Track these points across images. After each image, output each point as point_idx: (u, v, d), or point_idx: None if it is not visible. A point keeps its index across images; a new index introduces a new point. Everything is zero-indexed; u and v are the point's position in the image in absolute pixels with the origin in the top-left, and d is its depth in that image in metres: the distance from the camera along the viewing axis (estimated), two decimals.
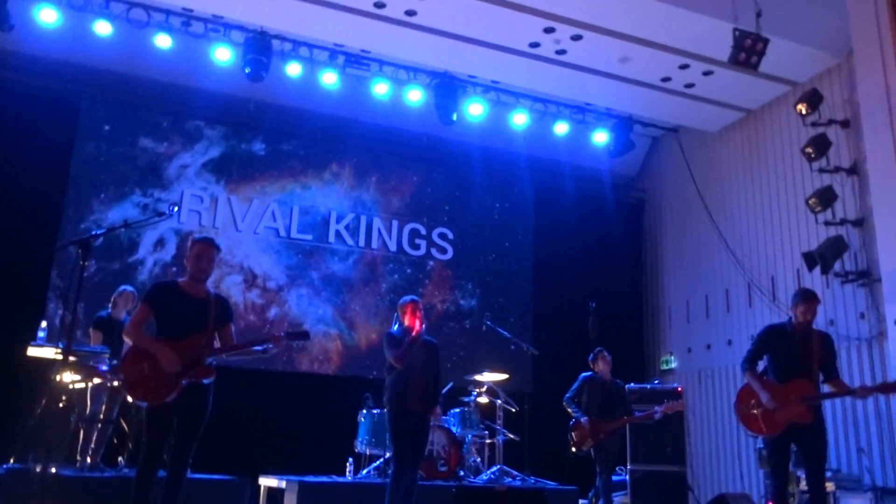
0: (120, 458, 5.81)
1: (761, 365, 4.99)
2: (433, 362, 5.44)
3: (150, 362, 3.92)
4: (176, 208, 4.00)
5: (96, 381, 5.55)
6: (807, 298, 4.87)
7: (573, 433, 6.35)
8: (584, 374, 6.57)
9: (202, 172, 8.61)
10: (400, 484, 5.06)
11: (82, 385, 5.58)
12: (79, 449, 5.57)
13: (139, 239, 8.14)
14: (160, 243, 8.20)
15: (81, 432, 5.61)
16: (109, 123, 8.29)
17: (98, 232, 4.21)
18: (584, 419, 6.29)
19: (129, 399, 4.25)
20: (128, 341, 4.09)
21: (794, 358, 4.77)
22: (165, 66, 8.15)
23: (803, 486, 6.80)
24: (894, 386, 4.76)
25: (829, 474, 6.80)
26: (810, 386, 4.74)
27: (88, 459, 5.54)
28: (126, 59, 8.06)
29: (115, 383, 5.61)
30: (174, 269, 8.12)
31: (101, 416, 5.64)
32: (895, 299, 6.80)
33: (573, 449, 6.35)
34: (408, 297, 5.56)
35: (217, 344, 4.16)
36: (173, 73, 8.32)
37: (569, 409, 6.44)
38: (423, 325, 5.31)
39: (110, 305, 6.21)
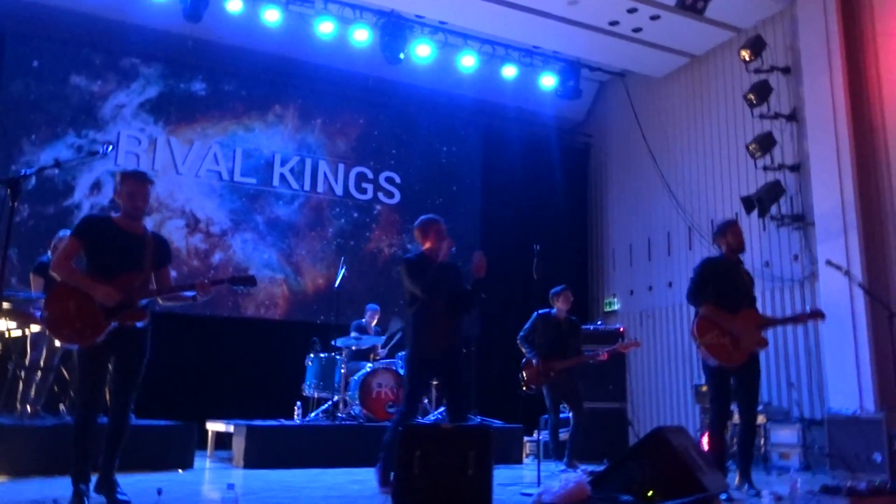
0: (61, 406, 5.71)
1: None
2: (460, 288, 4.76)
3: (77, 301, 3.63)
4: (110, 147, 3.74)
5: (35, 328, 5.41)
6: (730, 223, 5.06)
7: (524, 372, 6.40)
8: (538, 311, 6.41)
9: (139, 113, 8.30)
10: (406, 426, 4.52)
11: (19, 332, 5.43)
12: (18, 397, 5.45)
13: (74, 182, 7.85)
14: (96, 186, 7.93)
15: (21, 381, 5.48)
16: (38, 59, 7.88)
17: (28, 172, 3.98)
18: (534, 359, 6.35)
19: (56, 342, 4.08)
20: (55, 277, 3.75)
21: (737, 289, 4.84)
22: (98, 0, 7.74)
23: (735, 419, 7.15)
24: (818, 313, 5.04)
25: (760, 407, 7.13)
26: (758, 314, 4.92)
27: (28, 408, 5.43)
28: None
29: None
30: (112, 212, 7.85)
31: (42, 364, 5.51)
32: (827, 241, 7.08)
33: (524, 387, 6.41)
34: (430, 216, 4.96)
35: (153, 286, 3.89)
36: (106, 7, 7.92)
37: (522, 349, 6.48)
38: (452, 244, 4.69)
39: (50, 251, 6.01)
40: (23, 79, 7.78)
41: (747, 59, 7.87)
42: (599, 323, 8.60)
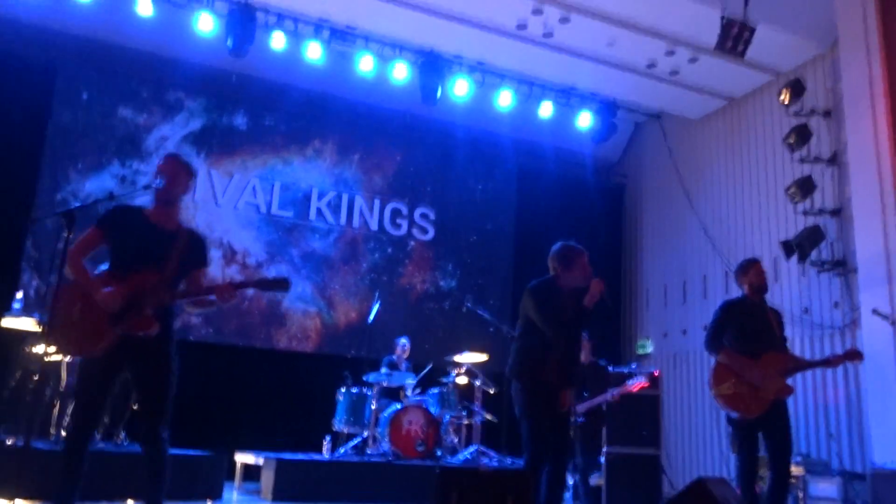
0: (95, 433, 5.74)
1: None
2: (582, 323, 4.29)
3: (83, 304, 3.23)
4: (161, 181, 3.71)
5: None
6: (752, 261, 4.85)
7: None
8: None
9: (182, 145, 8.46)
10: (537, 477, 3.99)
11: (58, 358, 5.50)
12: (53, 422, 5.50)
13: None
14: None
15: (56, 405, 5.54)
16: (88, 92, 8.10)
17: (81, 204, 3.97)
18: None
19: (57, 352, 3.67)
20: (67, 273, 3.38)
21: (760, 331, 4.64)
22: (146, 35, 7.97)
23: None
24: (855, 353, 4.76)
25: (798, 459, 6.94)
26: (784, 358, 4.64)
27: (63, 432, 5.47)
28: (106, 26, 7.87)
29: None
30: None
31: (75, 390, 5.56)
32: (870, 288, 6.92)
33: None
34: (571, 244, 4.44)
35: (181, 289, 3.46)
36: (154, 43, 8.15)
37: None
38: (602, 287, 4.22)
39: None
40: (72, 109, 8.00)
41: (787, 102, 7.81)
42: (633, 366, 8.47)
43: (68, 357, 5.46)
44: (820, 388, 7.53)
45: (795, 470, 6.79)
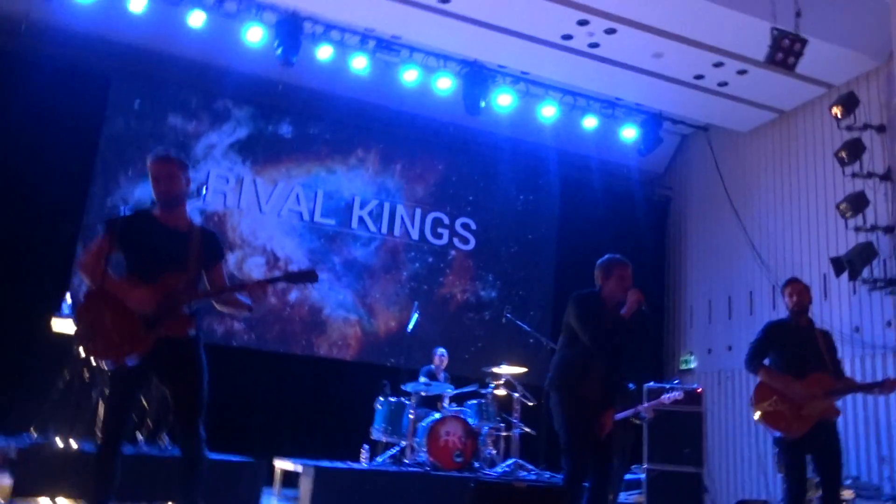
0: (139, 435, 5.85)
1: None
2: (628, 344, 4.17)
3: (113, 310, 3.17)
4: (205, 189, 3.75)
5: None
6: (787, 282, 4.77)
7: None
8: None
9: (229, 153, 8.61)
10: (578, 494, 3.89)
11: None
12: (98, 424, 5.61)
13: None
14: None
15: (102, 408, 5.65)
16: (139, 100, 8.30)
17: (127, 211, 4.02)
18: None
19: (90, 358, 3.62)
20: (84, 280, 3.34)
21: (804, 352, 4.54)
22: (197, 45, 8.14)
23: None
24: None
25: (848, 482, 6.73)
26: (831, 379, 4.49)
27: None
28: (158, 36, 8.05)
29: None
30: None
31: None
32: None
33: None
34: (616, 256, 4.36)
35: (205, 288, 3.41)
36: (204, 52, 8.31)
37: None
38: (641, 299, 4.10)
39: None
40: (124, 117, 8.20)
41: (839, 116, 7.62)
42: (676, 382, 8.32)
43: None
44: (871, 409, 7.30)
45: (845, 494, 6.59)
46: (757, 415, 4.49)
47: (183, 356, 3.28)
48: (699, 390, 7.56)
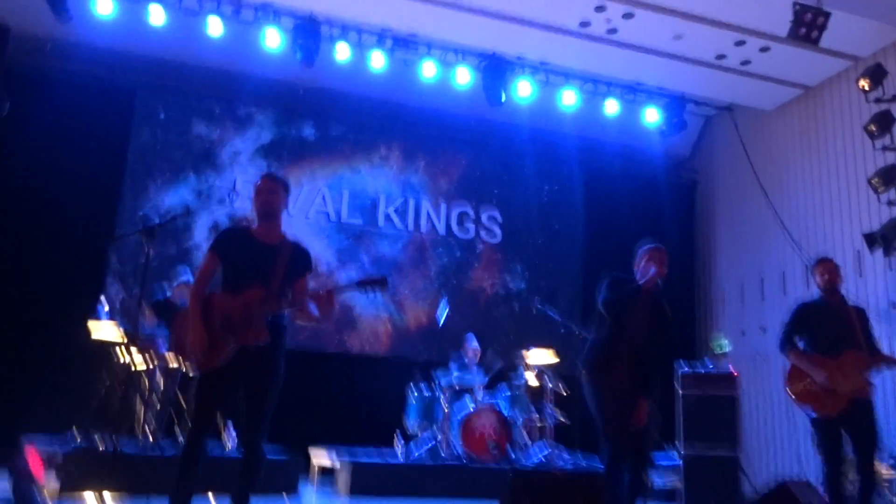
0: (180, 435, 5.98)
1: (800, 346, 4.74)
2: (659, 332, 4.09)
3: (204, 323, 3.49)
4: (235, 196, 3.85)
5: (157, 360, 5.74)
6: (817, 261, 4.79)
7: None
8: None
9: (254, 158, 8.74)
10: (619, 477, 3.83)
11: (144, 366, 5.76)
12: (140, 427, 5.76)
13: (194, 224, 8.32)
14: (215, 228, 8.36)
15: (142, 411, 5.79)
16: (164, 111, 8.47)
17: (161, 221, 4.17)
18: None
19: (182, 365, 3.91)
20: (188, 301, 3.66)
21: (838, 330, 4.56)
22: (217, 54, 8.25)
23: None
24: None
25: (891, 461, 6.62)
26: (864, 356, 4.49)
27: (150, 437, 5.72)
28: (179, 47, 8.19)
29: (173, 365, 5.78)
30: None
31: (160, 394, 5.82)
32: None
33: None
34: (650, 242, 4.40)
35: (286, 300, 3.62)
36: (225, 60, 8.43)
37: None
38: (663, 272, 4.09)
39: (167, 289, 6.40)
40: (150, 128, 8.37)
41: (867, 88, 7.48)
42: (710, 365, 8.25)
43: (152, 364, 5.71)
44: None
45: (886, 472, 6.49)
46: (792, 396, 4.54)
47: (258, 364, 3.49)
48: (735, 374, 7.49)
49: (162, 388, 5.92)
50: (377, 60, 8.28)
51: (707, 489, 6.86)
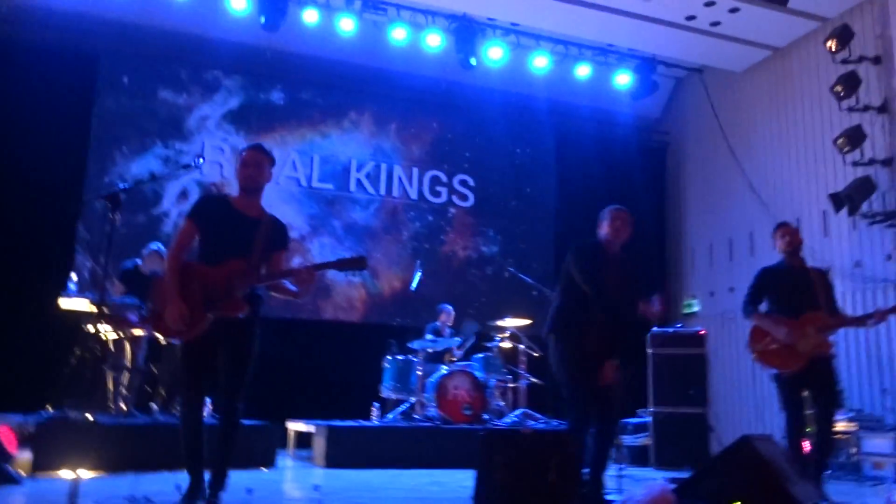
0: (153, 405, 5.98)
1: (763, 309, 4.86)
2: (628, 287, 4.15)
3: (182, 293, 3.46)
4: (202, 160, 3.74)
5: (128, 331, 5.70)
6: (777, 226, 4.91)
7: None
8: None
9: (222, 123, 8.61)
10: (582, 440, 3.89)
11: (114, 336, 5.72)
12: (111, 397, 5.73)
13: (163, 192, 8.21)
14: (184, 195, 8.26)
15: (112, 380, 5.76)
16: (128, 76, 8.28)
17: (125, 186, 4.10)
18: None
19: (161, 337, 3.88)
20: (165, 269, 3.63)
21: (799, 292, 4.66)
22: (182, 17, 8.08)
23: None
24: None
25: (851, 414, 6.84)
26: (823, 316, 4.62)
27: (123, 406, 5.70)
28: (143, 10, 8.00)
29: (141, 333, 5.75)
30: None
31: (130, 365, 5.80)
32: None
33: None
34: (614, 205, 4.38)
35: (263, 273, 3.60)
36: (189, 24, 8.25)
37: None
38: (627, 233, 4.20)
39: (137, 258, 6.33)
40: (114, 94, 8.19)
41: (834, 49, 7.54)
42: (679, 325, 8.40)
43: (123, 335, 5.67)
44: (874, 342, 7.38)
45: (849, 426, 6.71)
46: (754, 355, 4.70)
47: (236, 336, 3.52)
48: (702, 332, 7.65)
49: (133, 358, 5.89)
50: (346, 23, 8.16)
51: (676, 446, 7.05)
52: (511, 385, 7.48)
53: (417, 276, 7.61)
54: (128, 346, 5.81)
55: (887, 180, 7.36)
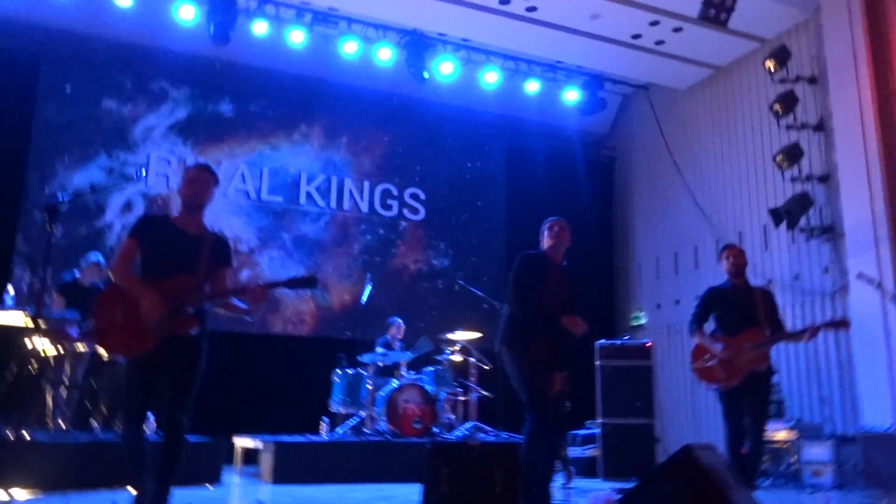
0: (93, 422, 5.80)
1: (709, 329, 5.11)
2: (570, 297, 4.28)
3: (125, 308, 3.38)
4: (144, 171, 3.68)
5: (67, 346, 5.52)
6: (723, 248, 5.16)
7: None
8: None
9: (169, 134, 8.46)
10: (539, 447, 4.00)
11: (53, 351, 5.54)
12: (49, 414, 5.55)
13: (106, 203, 8.02)
14: (128, 207, 8.08)
15: (50, 397, 5.58)
16: (71, 85, 8.08)
17: (64, 197, 3.99)
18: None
19: (104, 352, 3.81)
20: (112, 279, 3.54)
21: (740, 311, 4.92)
22: (127, 25, 7.94)
23: (767, 435, 7.04)
24: (841, 322, 4.96)
25: (791, 423, 7.03)
26: (760, 333, 4.87)
27: (62, 424, 5.52)
28: (86, 17, 7.83)
29: (82, 348, 5.59)
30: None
31: (69, 381, 5.62)
32: (857, 253, 6.97)
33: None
34: (553, 217, 4.50)
35: (207, 290, 3.56)
36: (135, 33, 8.11)
37: None
38: (566, 244, 4.30)
39: (76, 270, 6.17)
40: (56, 103, 7.98)
41: (772, 69, 7.81)
42: (627, 337, 8.54)
43: (61, 350, 5.50)
44: (812, 353, 7.60)
45: (788, 435, 6.90)
46: (694, 372, 4.98)
47: (183, 353, 3.48)
48: (649, 344, 7.79)
49: (73, 373, 5.71)
50: (296, 35, 8.13)
51: (624, 457, 7.14)
52: (461, 398, 7.48)
53: (368, 289, 7.57)
54: (67, 362, 5.63)
55: (824, 196, 7.63)
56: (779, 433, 6.98)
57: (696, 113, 9.48)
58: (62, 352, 5.55)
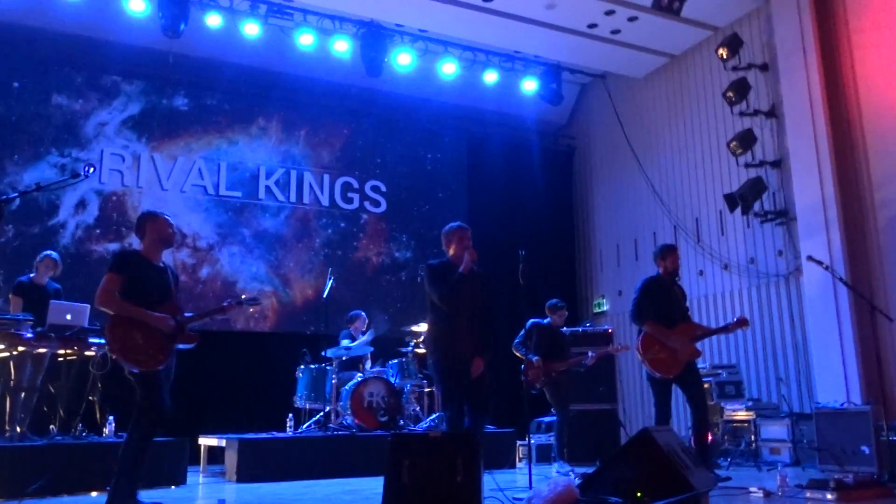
0: (52, 426, 5.69)
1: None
2: (485, 300, 4.56)
3: (141, 330, 4.01)
4: (91, 169, 3.62)
5: (21, 349, 5.39)
6: (674, 249, 5.59)
7: (528, 373, 6.52)
8: (533, 320, 6.76)
9: (122, 130, 8.29)
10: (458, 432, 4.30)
11: (6, 354, 5.41)
12: (6, 419, 5.43)
13: (59, 201, 7.84)
14: (81, 205, 7.92)
15: (8, 401, 5.46)
16: (19, 81, 7.87)
17: (10, 195, 3.95)
18: (535, 358, 6.49)
19: (132, 367, 4.01)
20: (106, 311, 4.03)
21: (673, 305, 5.37)
22: (76, 18, 7.76)
23: (727, 416, 7.22)
24: (744, 321, 5.41)
25: (749, 403, 7.21)
26: (694, 327, 5.47)
27: (18, 429, 5.40)
28: (33, 10, 7.63)
29: (41, 350, 5.47)
30: (98, 231, 7.89)
31: (26, 385, 5.50)
32: (809, 237, 7.15)
33: (528, 388, 6.55)
34: (455, 224, 4.71)
35: (190, 313, 4.34)
36: (85, 26, 7.92)
37: (517, 353, 6.61)
38: (474, 256, 4.45)
39: (32, 271, 6.03)
40: (3, 100, 7.77)
41: (725, 57, 7.94)
42: (588, 324, 8.64)
43: (15, 353, 5.38)
44: (769, 335, 7.78)
45: (747, 415, 7.07)
46: (646, 362, 5.29)
47: (174, 362, 4.26)
48: (610, 331, 7.90)
49: (32, 377, 5.59)
50: (251, 28, 8.04)
51: (588, 440, 7.25)
52: (427, 389, 7.49)
53: (329, 283, 7.54)
54: (25, 364, 5.50)
55: (777, 181, 7.80)
56: (738, 413, 7.15)
57: (652, 101, 9.60)
58: (14, 354, 5.42)
